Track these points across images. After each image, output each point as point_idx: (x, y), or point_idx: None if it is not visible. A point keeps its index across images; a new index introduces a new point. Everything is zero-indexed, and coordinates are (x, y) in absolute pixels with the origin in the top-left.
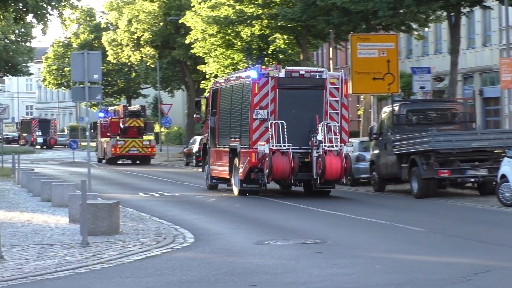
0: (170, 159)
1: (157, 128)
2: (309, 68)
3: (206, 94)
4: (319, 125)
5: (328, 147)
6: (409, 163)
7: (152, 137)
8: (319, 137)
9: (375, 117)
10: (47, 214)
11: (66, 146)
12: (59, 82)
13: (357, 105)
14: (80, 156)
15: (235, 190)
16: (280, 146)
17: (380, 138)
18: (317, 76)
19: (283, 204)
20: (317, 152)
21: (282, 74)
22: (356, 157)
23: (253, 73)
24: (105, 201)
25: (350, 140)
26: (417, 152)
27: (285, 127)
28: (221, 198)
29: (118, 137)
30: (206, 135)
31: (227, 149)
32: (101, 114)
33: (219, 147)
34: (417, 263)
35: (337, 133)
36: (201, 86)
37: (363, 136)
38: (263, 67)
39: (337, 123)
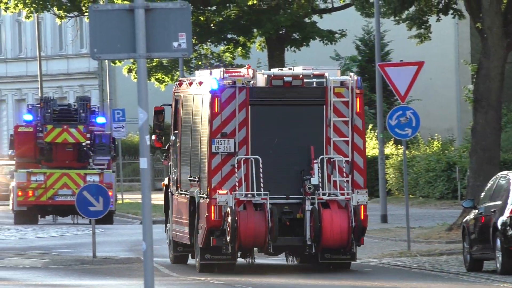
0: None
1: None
2: (300, 72)
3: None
4: (316, 161)
5: (329, 195)
6: None
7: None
8: (315, 180)
9: None
10: None
11: None
12: None
13: None
14: None
15: (197, 264)
16: (253, 195)
17: None
18: (314, 84)
19: None
20: (312, 204)
21: (258, 81)
22: None
23: (212, 82)
24: None
25: None
26: None
27: (260, 165)
28: None
29: (31, 167)
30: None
31: (187, 198)
32: (28, 117)
33: (180, 193)
34: None
35: (346, 173)
36: None
37: None
38: (228, 70)
39: (347, 157)
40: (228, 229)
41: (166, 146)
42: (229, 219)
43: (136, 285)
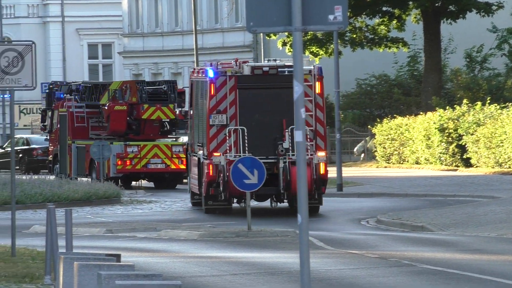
0: None
1: None
2: (275, 63)
3: None
4: (287, 130)
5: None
6: None
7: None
8: (286, 144)
9: None
10: None
11: None
12: None
13: None
14: None
15: (203, 208)
16: (240, 156)
17: None
18: (286, 72)
19: None
20: (284, 162)
21: (244, 71)
22: None
23: (209, 71)
24: None
25: None
26: None
27: (246, 134)
28: None
29: (126, 139)
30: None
31: (197, 158)
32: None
33: (193, 155)
34: None
35: (311, 139)
36: None
37: None
38: (222, 62)
39: (311, 127)
40: (221, 182)
41: (187, 118)
42: (221, 174)
43: (291, 258)
